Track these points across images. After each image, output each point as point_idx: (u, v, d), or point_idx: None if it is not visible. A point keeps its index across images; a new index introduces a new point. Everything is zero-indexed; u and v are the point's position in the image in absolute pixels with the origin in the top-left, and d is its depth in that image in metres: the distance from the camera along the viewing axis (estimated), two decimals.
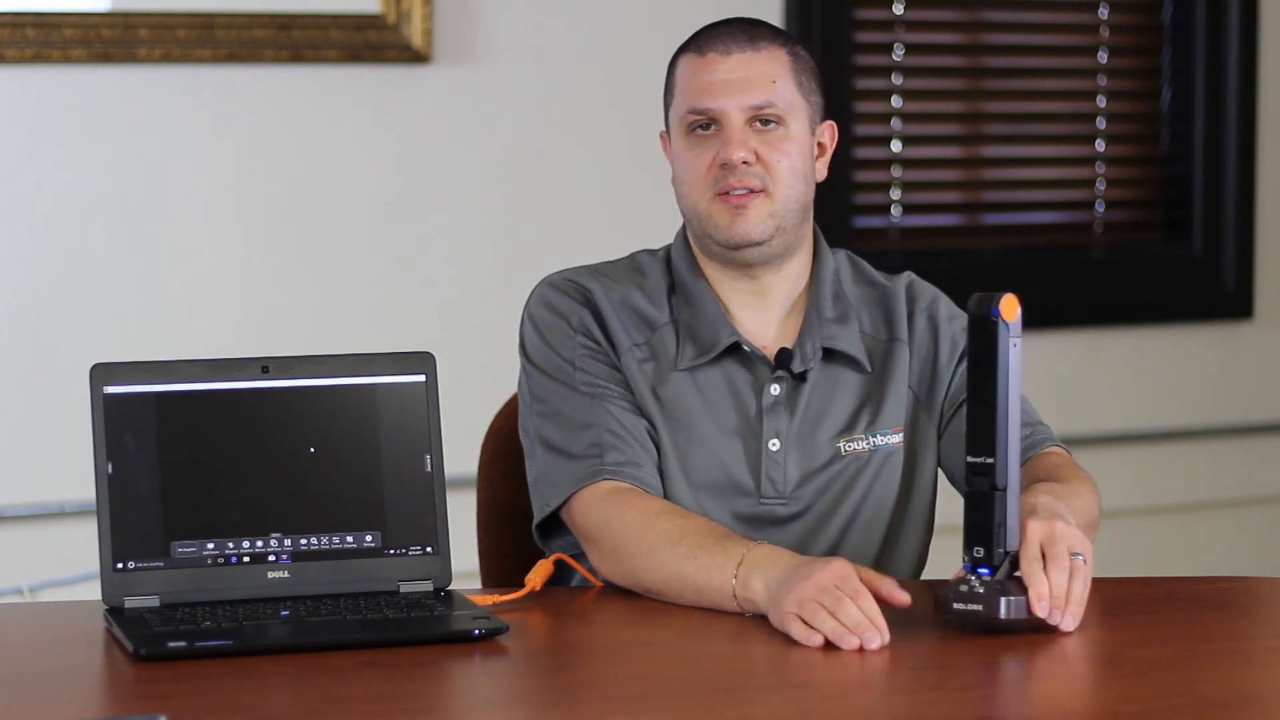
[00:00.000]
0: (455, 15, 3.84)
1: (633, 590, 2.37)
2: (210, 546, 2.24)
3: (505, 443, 2.73)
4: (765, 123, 2.47)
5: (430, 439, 2.31)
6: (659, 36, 4.00)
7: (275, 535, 2.26)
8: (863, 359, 2.52)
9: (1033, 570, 2.15)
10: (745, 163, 2.45)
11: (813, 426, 2.50)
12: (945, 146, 4.41)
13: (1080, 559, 2.16)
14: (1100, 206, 4.50)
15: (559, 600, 2.39)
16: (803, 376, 2.49)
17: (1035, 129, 4.47)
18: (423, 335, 3.67)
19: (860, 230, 4.25)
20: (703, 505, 2.46)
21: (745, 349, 2.50)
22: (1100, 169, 4.48)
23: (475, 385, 3.37)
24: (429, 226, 3.87)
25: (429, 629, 2.16)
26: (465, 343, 3.85)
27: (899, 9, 4.26)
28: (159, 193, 3.71)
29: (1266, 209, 4.52)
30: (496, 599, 2.30)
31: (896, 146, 4.29)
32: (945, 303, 2.60)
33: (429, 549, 2.30)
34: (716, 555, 2.29)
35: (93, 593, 2.38)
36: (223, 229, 3.75)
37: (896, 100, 4.28)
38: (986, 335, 2.16)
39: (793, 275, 2.54)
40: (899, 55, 4.27)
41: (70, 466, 3.58)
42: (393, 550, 2.29)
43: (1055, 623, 2.14)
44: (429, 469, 2.31)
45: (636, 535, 2.35)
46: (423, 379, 2.32)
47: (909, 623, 2.18)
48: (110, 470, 2.22)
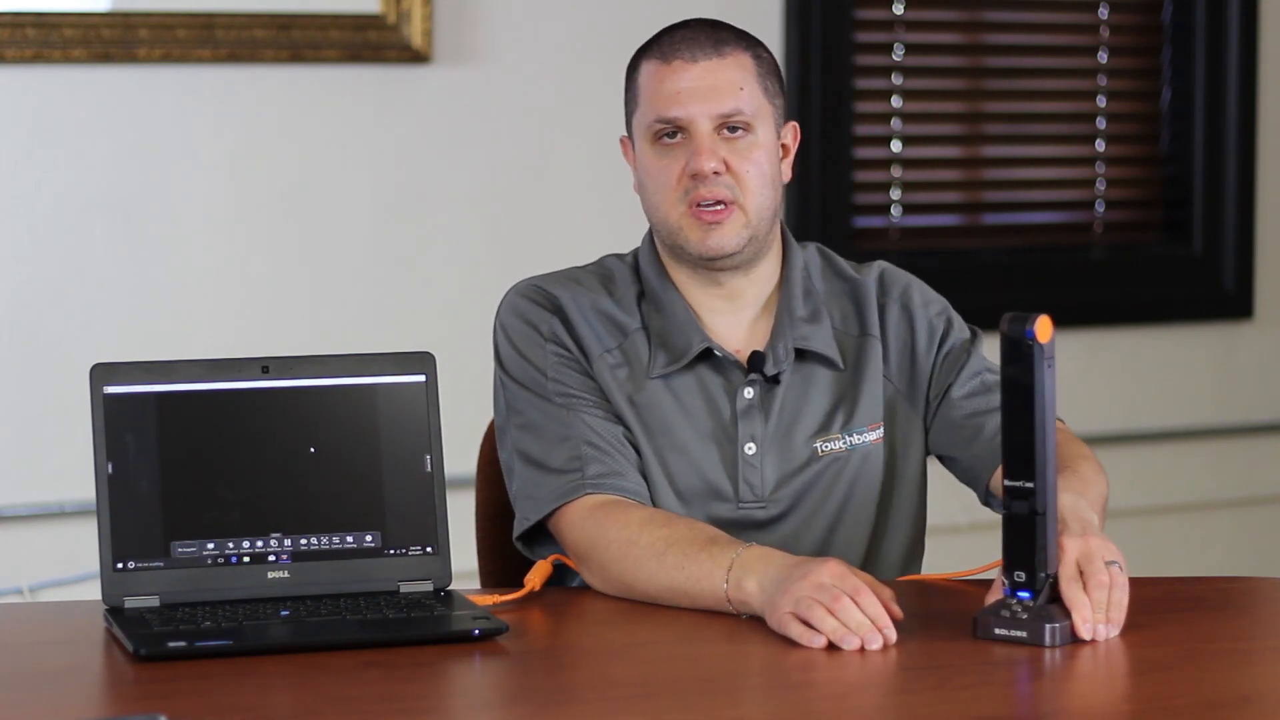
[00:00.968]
0: (455, 15, 3.84)
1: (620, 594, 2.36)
2: (210, 546, 2.24)
3: None
4: (733, 130, 2.44)
5: (430, 439, 2.31)
6: None
7: (275, 535, 2.26)
8: (835, 357, 2.50)
9: (1074, 593, 2.13)
10: (715, 173, 2.42)
11: (788, 428, 2.48)
12: (945, 146, 4.41)
13: (1116, 566, 2.15)
14: (1100, 206, 4.50)
15: (559, 600, 2.39)
16: (776, 379, 2.48)
17: (1035, 129, 4.47)
18: (423, 335, 3.67)
19: (860, 230, 4.25)
20: (684, 511, 2.46)
21: (717, 354, 2.48)
22: (1100, 169, 4.48)
23: (475, 385, 3.36)
24: (429, 226, 3.87)
25: (429, 629, 2.16)
26: (465, 343, 3.84)
27: (899, 9, 4.26)
28: (159, 193, 3.71)
29: (1266, 209, 4.52)
30: (496, 599, 2.30)
31: (896, 146, 4.29)
32: (919, 289, 2.58)
33: (429, 549, 2.30)
34: (704, 564, 2.27)
35: (93, 593, 2.38)
36: (223, 229, 3.75)
37: (896, 100, 4.28)
38: (1022, 359, 2.12)
39: (763, 277, 2.52)
40: (899, 55, 4.27)
41: (70, 466, 3.58)
42: (393, 550, 2.29)
43: (1101, 637, 2.13)
44: (429, 469, 2.31)
45: (622, 551, 2.34)
46: (423, 379, 2.32)
47: (909, 623, 2.18)
48: (110, 470, 2.22)
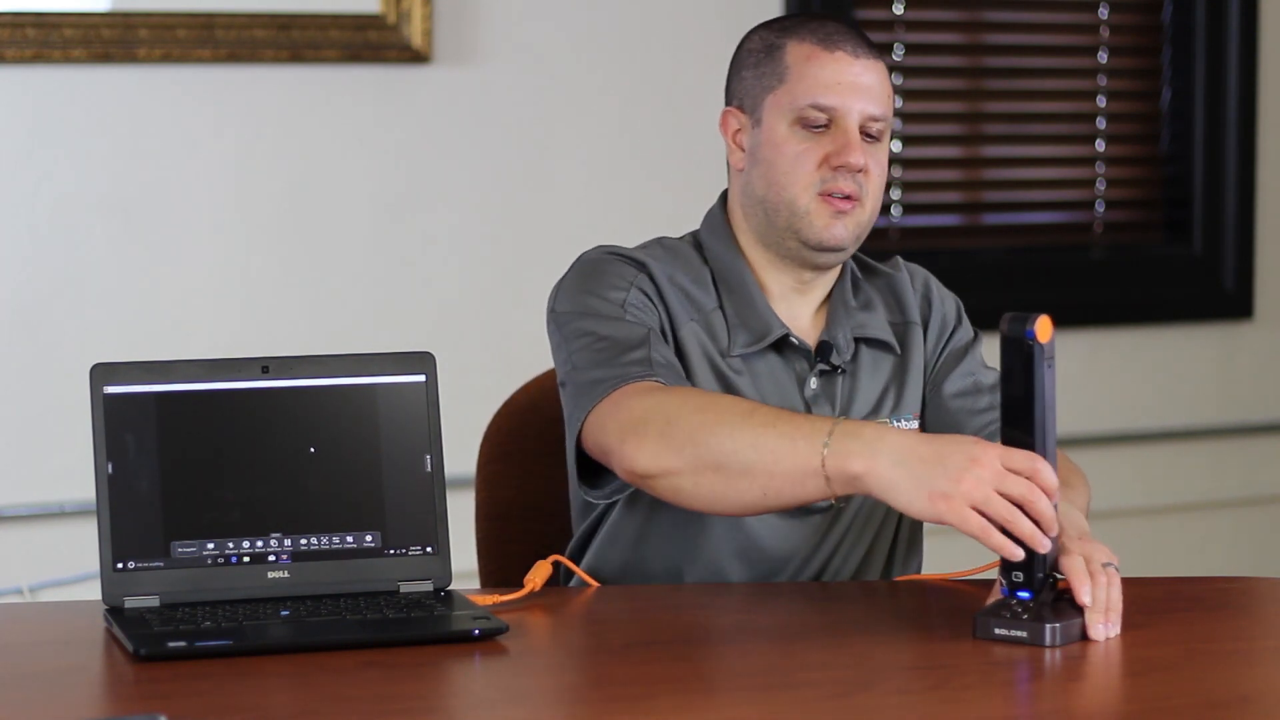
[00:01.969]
0: (455, 15, 3.84)
1: (678, 477, 2.21)
2: (210, 546, 2.24)
3: (505, 443, 2.74)
4: (869, 133, 2.46)
5: (430, 439, 2.31)
6: (658, 36, 4.01)
7: (275, 535, 2.26)
8: (893, 341, 2.54)
9: (1075, 566, 2.12)
10: (861, 169, 2.44)
11: (851, 414, 2.51)
12: (945, 146, 4.41)
13: (1112, 567, 2.16)
14: (1100, 206, 4.50)
15: (559, 600, 2.39)
16: (838, 370, 2.50)
17: (1035, 129, 4.47)
18: (423, 335, 3.67)
19: None
20: None
21: (793, 341, 2.49)
22: (1100, 169, 4.48)
23: (475, 385, 3.37)
24: (429, 226, 3.87)
25: (429, 629, 2.16)
26: (465, 343, 3.86)
27: (899, 9, 4.26)
28: (159, 193, 3.71)
29: (1266, 209, 4.52)
30: (496, 599, 2.30)
31: (896, 146, 4.29)
32: (935, 282, 2.63)
33: (429, 549, 2.30)
34: (800, 424, 2.17)
35: (93, 593, 2.38)
36: (223, 229, 3.75)
37: (897, 100, 4.28)
38: (1023, 359, 2.12)
39: (833, 274, 2.55)
40: (899, 55, 4.27)
41: (70, 466, 3.58)
42: (393, 550, 2.29)
43: (1100, 636, 2.12)
44: (429, 469, 2.31)
45: (699, 410, 2.23)
46: (423, 379, 2.32)
47: (909, 623, 2.18)
48: (110, 470, 2.22)
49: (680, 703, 1.97)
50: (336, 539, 2.28)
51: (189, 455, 2.24)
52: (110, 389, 2.23)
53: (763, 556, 2.47)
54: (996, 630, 2.13)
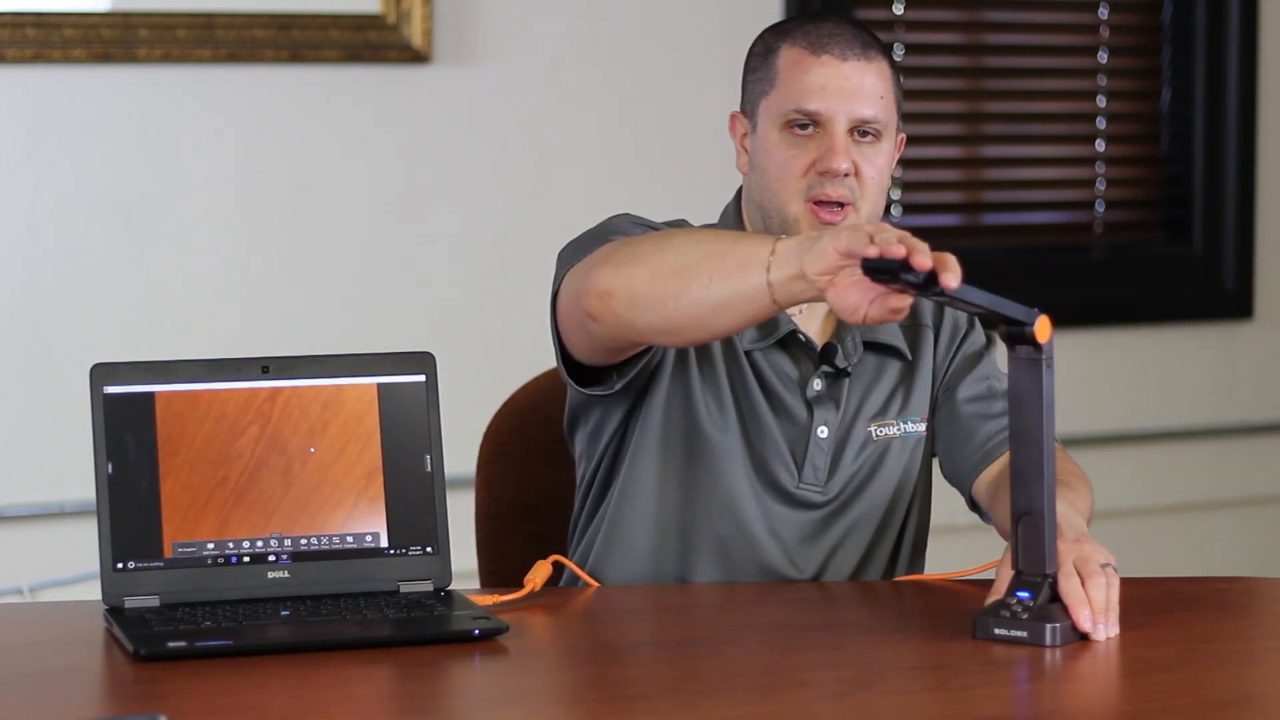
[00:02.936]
0: (455, 15, 3.84)
1: (639, 292, 2.20)
2: (210, 546, 2.24)
3: (504, 443, 2.74)
4: (864, 134, 2.45)
5: (430, 439, 2.31)
6: (659, 36, 4.00)
7: (275, 535, 2.26)
8: (904, 347, 2.54)
9: (1072, 589, 2.13)
10: (845, 174, 2.44)
11: (854, 417, 2.52)
12: (945, 146, 4.41)
13: (1110, 568, 2.16)
14: (1100, 206, 4.50)
15: (559, 600, 2.39)
16: (845, 371, 2.50)
17: (1035, 129, 4.47)
18: (423, 335, 3.67)
19: None
20: (747, 485, 2.47)
21: (801, 338, 2.50)
22: (1100, 169, 4.48)
23: (475, 385, 3.37)
24: (429, 226, 3.87)
25: (429, 629, 2.16)
26: (465, 343, 3.86)
27: (899, 9, 4.26)
28: (159, 193, 3.71)
29: (1266, 209, 4.52)
30: (496, 599, 2.29)
31: None
32: None
33: (429, 549, 2.29)
34: (750, 239, 2.19)
35: (93, 593, 2.38)
36: (223, 229, 3.75)
37: None
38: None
39: None
40: (899, 55, 4.27)
41: (70, 466, 3.58)
42: (393, 550, 2.29)
43: (1100, 636, 2.13)
44: (429, 469, 2.31)
45: (658, 237, 2.26)
46: (423, 379, 2.32)
47: (909, 623, 2.18)
48: (110, 470, 2.22)
49: (680, 703, 1.97)
50: (336, 539, 2.27)
51: (189, 455, 2.24)
52: (110, 389, 2.23)
53: (757, 563, 2.47)
54: (996, 630, 2.13)
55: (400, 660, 2.08)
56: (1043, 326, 2.12)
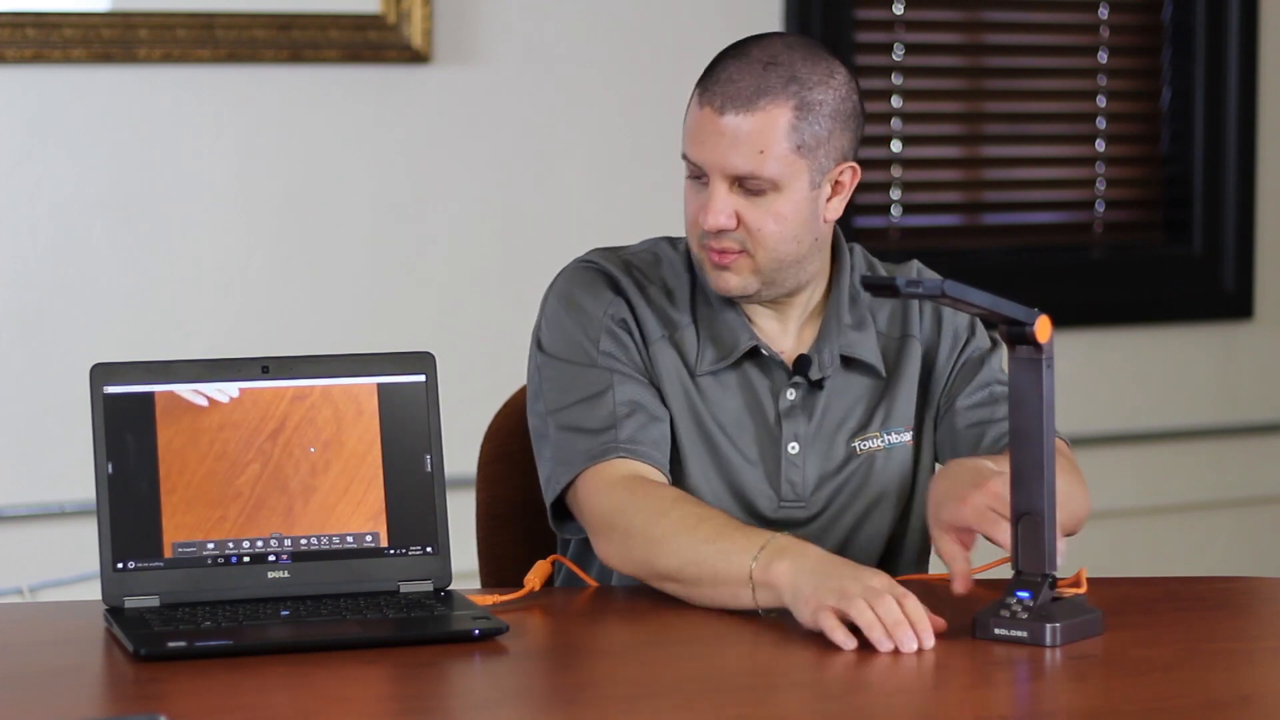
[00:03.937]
0: (455, 15, 3.84)
1: (641, 580, 2.33)
2: (210, 546, 2.24)
3: (505, 443, 2.73)
4: (748, 189, 2.37)
5: (430, 439, 2.31)
6: (659, 36, 4.00)
7: (275, 535, 2.26)
8: (879, 365, 2.50)
9: (959, 582, 2.21)
10: (723, 229, 2.37)
11: (830, 430, 2.49)
12: (945, 146, 4.41)
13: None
14: (1100, 206, 4.50)
15: (559, 600, 2.39)
16: (819, 384, 2.48)
17: (1035, 129, 4.47)
18: (423, 335, 3.67)
19: (860, 230, 4.25)
20: (727, 506, 2.45)
21: (764, 353, 2.47)
22: (1100, 169, 4.48)
23: (475, 385, 3.37)
24: (429, 226, 3.87)
25: (429, 629, 2.16)
26: (465, 343, 3.85)
27: (899, 9, 4.26)
28: (159, 193, 3.71)
29: (1266, 209, 4.52)
30: (496, 599, 2.29)
31: (896, 146, 4.29)
32: None
33: (429, 549, 2.29)
34: (737, 540, 2.24)
35: (93, 593, 2.38)
36: (223, 229, 3.75)
37: (896, 100, 4.28)
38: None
39: (807, 292, 2.50)
40: (899, 55, 4.27)
41: (70, 466, 3.58)
42: (393, 550, 2.29)
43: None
44: (429, 469, 2.31)
45: (652, 519, 2.30)
46: (423, 379, 2.32)
47: None
48: (110, 470, 2.22)
49: (680, 703, 1.97)
50: (336, 539, 2.27)
51: (189, 455, 2.24)
52: (110, 389, 2.23)
53: None
54: (996, 630, 2.14)
55: (400, 660, 2.08)
56: (1043, 326, 2.12)
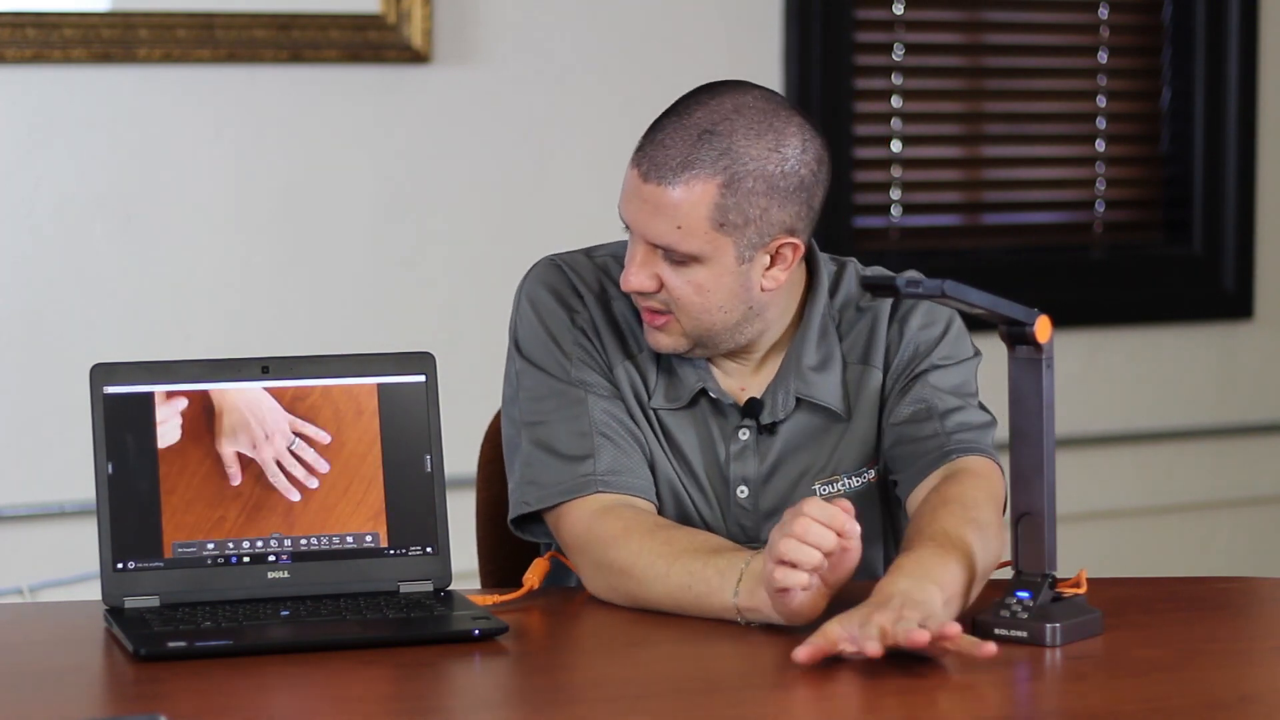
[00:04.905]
0: (455, 15, 3.84)
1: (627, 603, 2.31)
2: (210, 546, 2.24)
3: None
4: (669, 256, 2.31)
5: (430, 439, 2.31)
6: (659, 36, 4.00)
7: (275, 535, 2.26)
8: (838, 408, 2.42)
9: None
10: (637, 291, 2.34)
11: (791, 473, 2.42)
12: (945, 146, 4.41)
13: (913, 622, 2.04)
14: (1100, 206, 4.50)
15: (558, 600, 2.39)
16: (772, 428, 2.42)
17: (1035, 129, 4.47)
18: (423, 335, 3.67)
19: (860, 230, 4.25)
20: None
21: (712, 396, 2.41)
22: (1100, 169, 4.48)
23: (475, 385, 3.37)
24: (429, 226, 3.87)
25: (429, 629, 2.16)
26: (465, 343, 3.85)
27: (899, 9, 4.26)
28: (159, 193, 3.71)
29: (1266, 209, 4.52)
30: (496, 599, 2.30)
31: (896, 146, 4.29)
32: (923, 311, 2.45)
33: (429, 549, 2.30)
34: (712, 578, 2.21)
35: (93, 593, 2.38)
36: (222, 229, 3.75)
37: (896, 100, 4.28)
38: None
39: (765, 338, 2.42)
40: (899, 55, 4.27)
41: (70, 466, 3.58)
42: (393, 550, 2.29)
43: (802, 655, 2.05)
44: (429, 469, 2.31)
45: (630, 554, 2.28)
46: (423, 379, 2.32)
47: None
48: (110, 470, 2.22)
49: (680, 703, 1.97)
50: (336, 539, 2.28)
51: (189, 455, 2.24)
52: (110, 389, 2.23)
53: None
54: (996, 630, 2.14)
55: (400, 660, 2.08)
56: (1043, 326, 2.12)
